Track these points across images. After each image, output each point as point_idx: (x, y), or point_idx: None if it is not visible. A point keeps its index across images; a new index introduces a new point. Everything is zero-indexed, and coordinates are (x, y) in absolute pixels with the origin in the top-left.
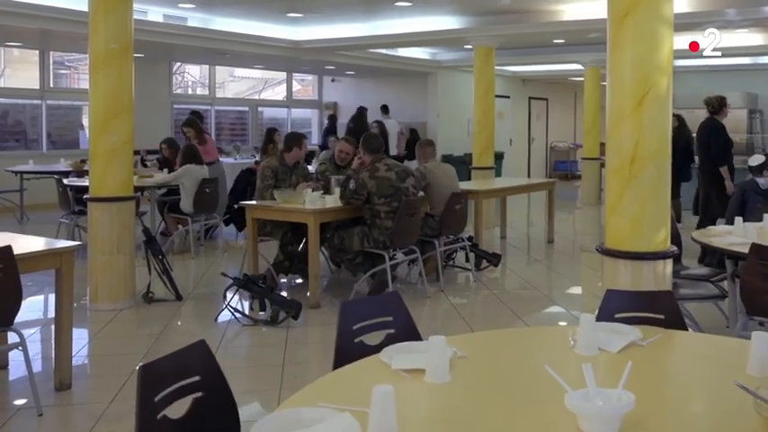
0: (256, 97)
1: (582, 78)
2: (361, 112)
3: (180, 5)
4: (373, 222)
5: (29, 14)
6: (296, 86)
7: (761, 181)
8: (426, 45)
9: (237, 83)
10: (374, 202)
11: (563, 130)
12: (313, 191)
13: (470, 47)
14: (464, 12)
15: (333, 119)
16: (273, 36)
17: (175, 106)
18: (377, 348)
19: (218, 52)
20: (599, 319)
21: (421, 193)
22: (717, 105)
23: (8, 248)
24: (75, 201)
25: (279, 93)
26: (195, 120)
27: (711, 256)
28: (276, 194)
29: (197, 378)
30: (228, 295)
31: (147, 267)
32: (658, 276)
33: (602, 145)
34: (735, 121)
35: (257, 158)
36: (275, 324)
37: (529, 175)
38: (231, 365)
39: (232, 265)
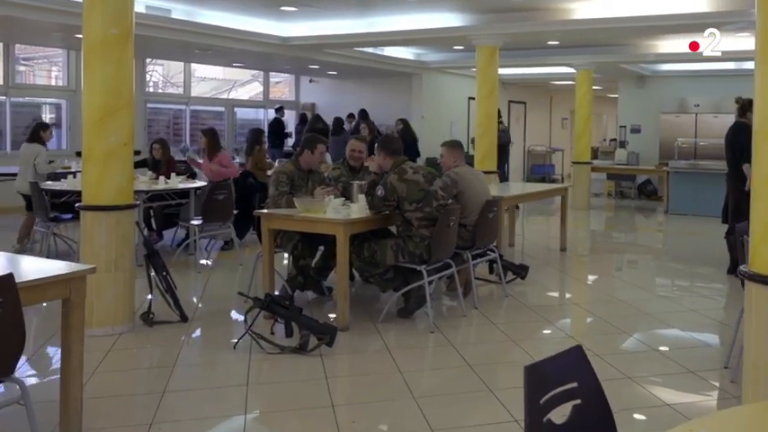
0: (224, 97)
1: (562, 82)
2: (317, 118)
3: None
4: (407, 231)
5: None
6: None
7: None
8: (425, 44)
9: (200, 84)
10: (405, 208)
11: (539, 133)
12: (335, 197)
13: (460, 47)
14: (467, 9)
15: (305, 119)
16: (262, 32)
17: (149, 105)
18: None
19: (201, 48)
20: None
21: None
22: (741, 108)
23: (9, 278)
24: (52, 206)
25: (244, 94)
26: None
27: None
28: (297, 202)
29: (575, 384)
30: (250, 318)
31: (149, 285)
32: None
33: (594, 150)
34: (723, 125)
35: (239, 160)
36: (305, 352)
37: (507, 180)
38: (271, 408)
39: (231, 279)
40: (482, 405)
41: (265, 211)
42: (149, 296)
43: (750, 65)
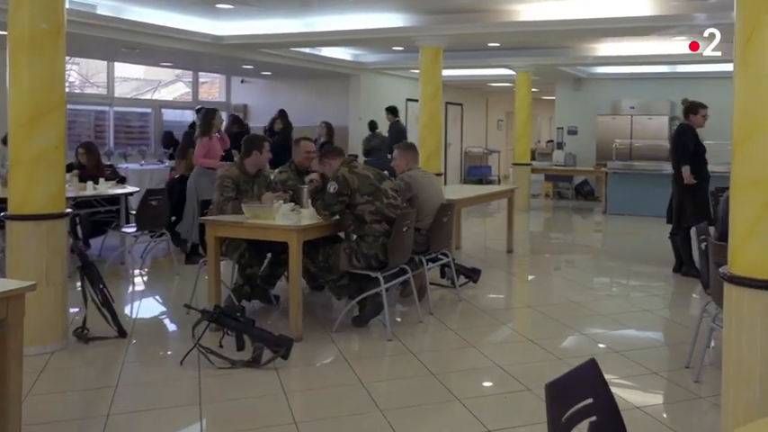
0: (148, 98)
1: (498, 84)
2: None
3: None
4: (359, 230)
5: None
6: (188, 88)
7: None
8: (367, 44)
9: (121, 85)
10: (357, 202)
11: (476, 135)
12: (285, 202)
13: (400, 48)
14: (410, 9)
15: (239, 121)
16: (194, 30)
17: (69, 107)
18: None
19: (128, 46)
20: None
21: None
22: (685, 110)
23: None
24: None
25: (168, 95)
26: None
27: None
28: (245, 209)
29: (590, 401)
30: (198, 332)
31: (83, 299)
32: None
33: (532, 151)
34: (658, 126)
35: (167, 164)
36: (258, 365)
37: (445, 182)
38: (228, 429)
39: (169, 290)
40: (452, 415)
41: (210, 218)
42: (79, 309)
43: (683, 68)
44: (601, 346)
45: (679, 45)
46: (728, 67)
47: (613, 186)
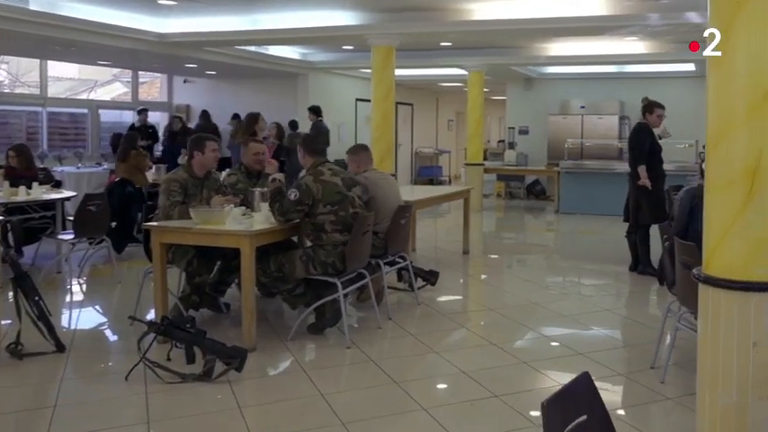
0: (84, 98)
1: (449, 84)
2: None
3: None
4: (318, 239)
5: None
6: (126, 88)
7: None
8: (317, 43)
9: (54, 84)
10: (318, 211)
11: (426, 135)
12: (236, 206)
13: (349, 47)
14: (361, 7)
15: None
16: (135, 27)
17: None
18: None
19: (63, 44)
20: None
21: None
22: (643, 109)
23: None
24: None
25: (105, 95)
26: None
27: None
28: (193, 213)
29: (584, 417)
30: (144, 345)
31: (17, 311)
32: None
33: (483, 151)
34: (608, 126)
35: (106, 167)
36: (210, 379)
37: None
38: None
39: (110, 300)
40: (417, 425)
41: (156, 223)
42: (12, 323)
43: (630, 68)
44: (564, 348)
45: (628, 45)
46: (677, 67)
47: (565, 186)
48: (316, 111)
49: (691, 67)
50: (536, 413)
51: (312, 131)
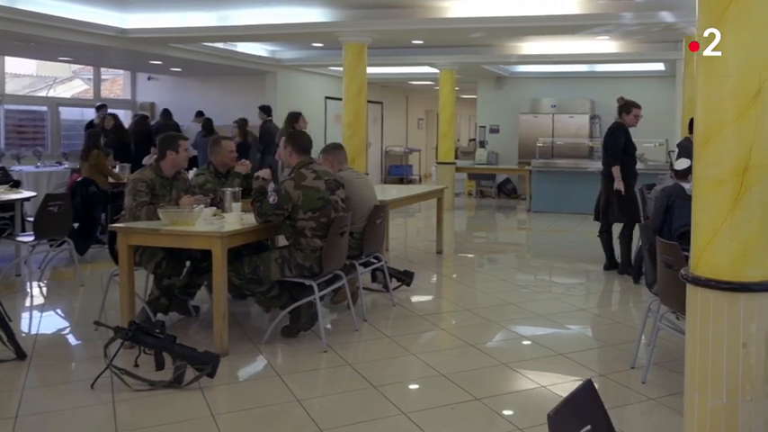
0: (42, 95)
1: (419, 82)
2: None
3: None
4: (296, 243)
5: None
6: (87, 85)
7: (687, 186)
8: (286, 40)
9: (12, 81)
10: (297, 217)
11: (396, 134)
12: (206, 206)
13: (319, 45)
14: (332, 4)
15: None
16: (97, 22)
17: None
18: None
19: (21, 39)
20: None
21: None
22: (620, 109)
23: None
24: None
25: (65, 92)
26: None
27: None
28: (162, 214)
29: (588, 428)
30: (110, 351)
31: None
32: None
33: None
34: (579, 125)
35: (66, 165)
36: (180, 386)
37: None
38: None
39: (72, 304)
40: (399, 431)
41: (123, 225)
42: None
43: (601, 67)
44: (543, 348)
45: (599, 44)
46: (648, 66)
47: (537, 184)
48: (266, 110)
49: (661, 66)
50: (517, 416)
51: (260, 131)
